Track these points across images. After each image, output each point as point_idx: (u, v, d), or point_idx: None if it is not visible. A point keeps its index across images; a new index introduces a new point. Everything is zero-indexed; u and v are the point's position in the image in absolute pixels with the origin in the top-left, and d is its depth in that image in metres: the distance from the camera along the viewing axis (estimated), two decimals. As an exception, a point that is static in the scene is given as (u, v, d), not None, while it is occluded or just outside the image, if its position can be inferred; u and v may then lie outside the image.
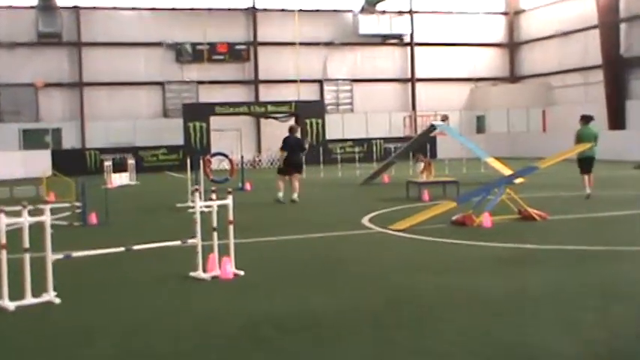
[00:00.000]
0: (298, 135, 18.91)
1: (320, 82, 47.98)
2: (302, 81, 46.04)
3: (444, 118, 43.67)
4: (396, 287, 7.88)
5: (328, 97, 47.84)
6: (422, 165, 21.95)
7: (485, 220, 12.50)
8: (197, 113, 41.26)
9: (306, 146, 19.41)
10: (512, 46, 50.72)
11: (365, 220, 13.91)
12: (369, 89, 48.53)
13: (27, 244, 7.34)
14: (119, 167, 29.92)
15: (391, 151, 38.50)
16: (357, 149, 41.42)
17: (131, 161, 30.51)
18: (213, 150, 37.44)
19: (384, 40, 49.07)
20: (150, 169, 38.38)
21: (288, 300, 7.46)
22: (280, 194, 18.50)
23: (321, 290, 7.81)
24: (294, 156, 18.52)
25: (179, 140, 40.98)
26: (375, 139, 44.41)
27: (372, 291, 7.70)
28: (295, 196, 18.34)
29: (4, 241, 7.21)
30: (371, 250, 10.61)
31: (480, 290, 7.56)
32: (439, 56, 49.67)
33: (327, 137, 43.16)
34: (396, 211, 15.33)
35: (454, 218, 12.89)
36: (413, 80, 49.28)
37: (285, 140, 18.71)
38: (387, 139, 44.81)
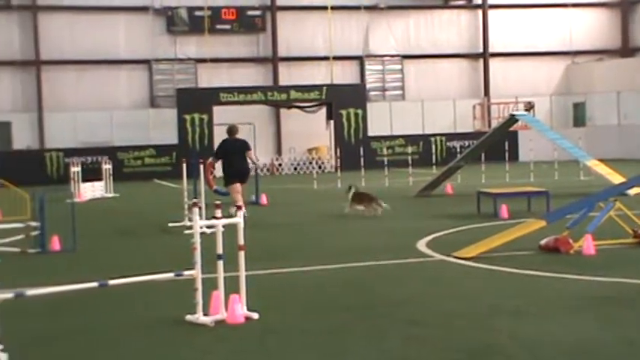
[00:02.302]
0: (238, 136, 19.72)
1: (360, 59, 48.03)
2: (336, 58, 46.15)
3: (529, 107, 43.65)
4: (465, 340, 7.75)
5: (371, 80, 47.92)
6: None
7: (587, 245, 12.33)
8: (195, 102, 41.55)
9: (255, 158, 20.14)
10: (626, 5, 50.25)
11: (421, 245, 13.83)
12: (426, 69, 48.51)
13: (-34, 278, 7.37)
14: (91, 174, 30.11)
15: (456, 152, 38.28)
16: (409, 149, 41.32)
17: (107, 166, 30.74)
18: (216, 151, 37.57)
19: (446, 1, 48.98)
20: (133, 176, 38.72)
21: (317, 354, 7.37)
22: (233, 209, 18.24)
23: (361, 342, 7.71)
24: (237, 163, 18.83)
25: (172, 138, 41.26)
26: (435, 135, 44.36)
27: (432, 345, 7.58)
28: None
29: None
30: (429, 287, 10.50)
31: (581, 342, 7.43)
32: (522, 22, 49.50)
33: (370, 133, 43.18)
34: (462, 233, 15.21)
35: (543, 242, 12.73)
36: (486, 56, 49.12)
37: (222, 145, 19.46)
38: (450, 136, 44.75)
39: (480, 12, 49.18)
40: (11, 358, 7.39)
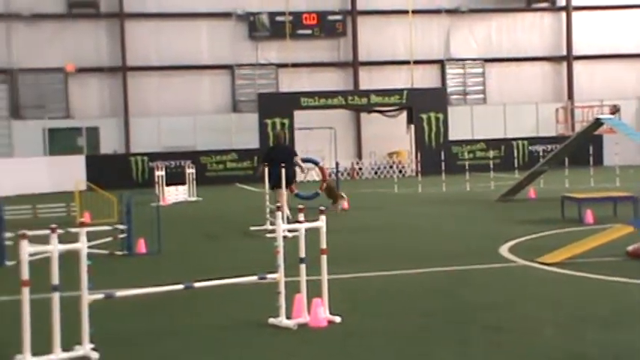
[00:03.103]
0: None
1: (441, 63, 47.79)
2: (416, 62, 45.97)
3: (614, 111, 42.88)
4: (551, 348, 7.64)
5: (452, 84, 47.62)
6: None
7: (677, 251, 12.09)
8: (277, 106, 41.80)
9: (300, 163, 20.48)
10: None
11: (503, 250, 13.71)
12: (508, 72, 48.00)
13: (56, 280, 7.51)
14: (175, 178, 30.55)
15: (539, 156, 37.82)
16: (491, 153, 40.93)
17: (190, 170, 31.11)
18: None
19: (528, 3, 48.41)
20: (215, 180, 39.11)
21: (400, 359, 7.36)
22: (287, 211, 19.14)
23: (443, 348, 7.67)
24: (273, 170, 19.11)
25: (253, 143, 41.55)
26: (517, 139, 43.83)
27: (516, 353, 7.49)
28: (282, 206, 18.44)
29: (26, 276, 7.37)
30: (512, 293, 10.40)
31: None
32: (607, 23, 48.61)
33: (451, 137, 42.89)
34: (546, 238, 15.07)
35: (631, 248, 12.52)
36: (569, 58, 48.38)
37: (270, 151, 20.45)
38: (532, 140, 44.16)
39: (563, 14, 48.46)
40: (102, 357, 7.54)
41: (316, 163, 27.31)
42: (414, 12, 45.73)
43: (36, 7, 43.60)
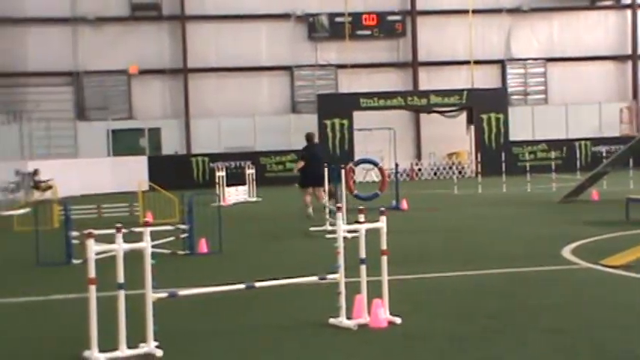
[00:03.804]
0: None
1: (501, 62, 47.45)
2: (477, 62, 45.70)
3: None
4: (616, 352, 7.55)
5: (513, 84, 47.27)
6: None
7: None
8: (336, 107, 41.92)
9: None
10: None
11: (566, 252, 13.58)
12: (571, 72, 47.47)
13: (121, 279, 7.64)
14: (235, 179, 30.80)
15: (602, 157, 37.34)
16: (552, 154, 40.57)
17: (250, 171, 31.34)
18: (357, 156, 37.86)
19: (592, 2, 47.81)
20: (274, 180, 39.31)
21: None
22: (310, 210, 20.83)
23: (505, 350, 7.63)
24: (317, 168, 20.24)
25: (315, 143, 41.56)
26: (579, 139, 43.35)
27: (580, 356, 7.40)
28: (325, 200, 19.94)
29: (93, 274, 7.53)
30: (575, 295, 10.29)
31: None
32: (673, 22, 47.78)
33: (511, 138, 42.59)
34: (610, 240, 14.90)
35: (697, 251, 12.31)
36: (635, 57, 47.77)
37: (307, 150, 21.52)
38: (596, 140, 43.63)
39: (628, 12, 47.81)
40: (166, 355, 7.65)
41: (376, 164, 27.31)
42: (475, 11, 45.47)
43: (101, 11, 44.33)
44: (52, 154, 41.20)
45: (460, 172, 39.82)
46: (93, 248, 7.43)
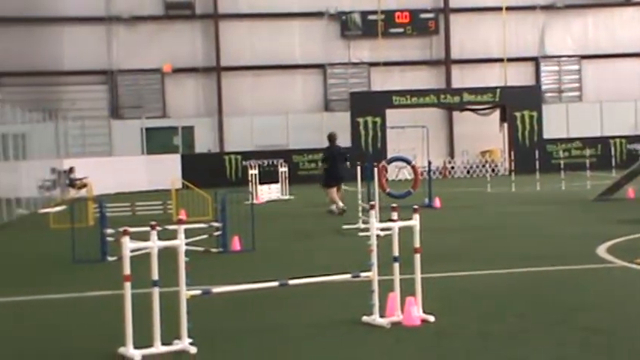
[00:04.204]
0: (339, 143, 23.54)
1: (535, 60, 47.16)
2: (510, 60, 45.45)
3: None
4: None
5: (547, 82, 46.95)
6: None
7: None
8: (369, 105, 41.90)
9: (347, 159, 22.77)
10: None
11: (601, 251, 13.48)
12: (606, 69, 47.06)
13: (156, 276, 7.70)
14: (268, 177, 30.87)
15: (637, 155, 37.02)
16: (587, 152, 40.23)
17: (283, 169, 31.40)
18: (389, 154, 37.83)
19: (628, -2, 47.42)
20: (307, 178, 39.29)
21: (494, 359, 7.34)
22: (333, 206, 22.03)
23: (538, 348, 7.59)
24: (339, 168, 22.07)
25: (345, 142, 41.47)
26: (614, 137, 43.01)
27: (614, 355, 7.35)
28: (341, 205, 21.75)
29: (128, 271, 7.59)
30: (610, 294, 10.21)
31: None
32: None
33: (545, 136, 42.34)
34: (646, 239, 14.74)
35: None
36: (671, 54, 47.20)
37: (328, 151, 22.88)
38: (631, 138, 43.21)
39: (664, 9, 47.41)
40: (200, 352, 7.70)
41: (408, 162, 27.28)
42: (508, 9, 45.23)
43: (135, 10, 44.59)
44: (86, 152, 41.57)
45: (493, 170, 39.63)
46: (128, 245, 7.51)
